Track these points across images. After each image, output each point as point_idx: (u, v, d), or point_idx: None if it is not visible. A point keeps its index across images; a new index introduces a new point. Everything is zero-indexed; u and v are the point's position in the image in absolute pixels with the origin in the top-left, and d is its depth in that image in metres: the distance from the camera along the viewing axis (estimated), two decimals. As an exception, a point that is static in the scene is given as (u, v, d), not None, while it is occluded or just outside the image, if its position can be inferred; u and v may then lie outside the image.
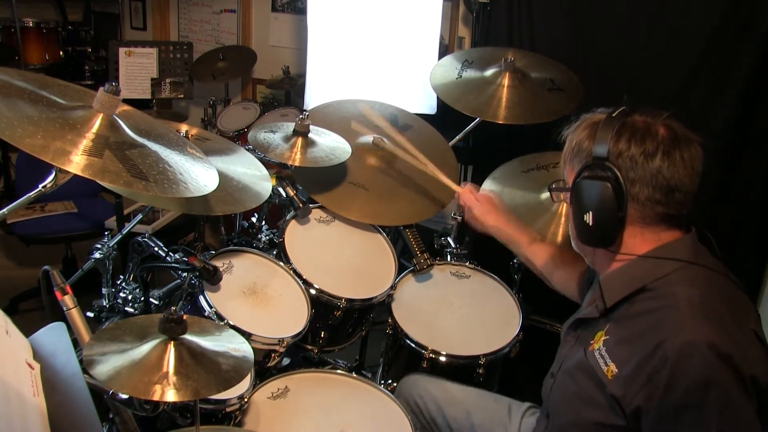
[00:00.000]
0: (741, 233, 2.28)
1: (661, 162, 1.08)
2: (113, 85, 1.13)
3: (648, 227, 1.13)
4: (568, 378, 1.22)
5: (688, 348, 0.98)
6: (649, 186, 1.09)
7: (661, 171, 1.08)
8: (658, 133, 1.10)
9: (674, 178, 1.09)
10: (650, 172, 1.09)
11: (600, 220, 1.12)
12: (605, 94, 1.43)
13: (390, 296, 1.82)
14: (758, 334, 1.06)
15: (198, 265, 1.50)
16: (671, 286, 1.08)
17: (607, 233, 1.13)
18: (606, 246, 1.15)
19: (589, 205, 1.12)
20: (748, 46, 2.13)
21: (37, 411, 0.95)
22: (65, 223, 2.87)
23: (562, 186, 1.27)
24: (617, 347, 1.11)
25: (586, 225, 1.13)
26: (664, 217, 1.12)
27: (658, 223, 1.13)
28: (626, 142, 1.10)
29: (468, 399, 1.59)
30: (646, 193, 1.10)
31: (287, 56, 3.61)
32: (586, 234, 1.16)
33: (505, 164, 2.11)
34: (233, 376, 1.03)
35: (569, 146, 1.21)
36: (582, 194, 1.14)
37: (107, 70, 3.39)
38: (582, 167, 1.15)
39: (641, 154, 1.09)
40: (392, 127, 1.93)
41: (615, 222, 1.11)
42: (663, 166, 1.08)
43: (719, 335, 0.99)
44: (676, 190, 1.09)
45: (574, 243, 1.27)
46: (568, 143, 1.22)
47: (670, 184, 1.09)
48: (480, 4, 2.60)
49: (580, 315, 1.27)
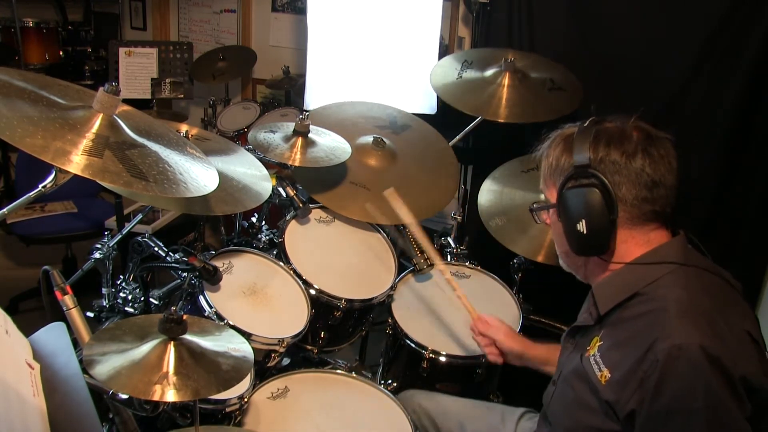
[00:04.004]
0: (741, 233, 2.28)
1: (642, 160, 1.11)
2: (113, 85, 1.13)
3: (636, 228, 1.15)
4: (566, 385, 1.22)
5: (676, 351, 0.98)
6: (635, 185, 1.11)
7: (644, 169, 1.11)
8: (633, 134, 1.13)
9: (657, 174, 1.11)
10: (634, 172, 1.11)
11: (593, 226, 1.13)
12: (605, 94, 1.44)
13: (390, 296, 1.82)
14: (752, 334, 1.06)
15: (198, 265, 1.50)
16: (661, 289, 1.09)
17: (601, 239, 1.14)
18: (600, 253, 1.16)
19: (581, 214, 1.13)
20: (749, 46, 2.13)
21: (37, 411, 0.95)
22: (65, 223, 2.87)
23: (544, 204, 1.27)
24: (610, 352, 1.11)
25: (580, 234, 1.14)
26: (651, 216, 1.14)
27: (646, 222, 1.14)
28: (605, 147, 1.13)
29: (461, 410, 1.59)
30: (633, 192, 1.12)
31: (287, 56, 3.61)
32: (581, 243, 1.16)
33: (505, 164, 2.11)
34: (233, 376, 1.03)
35: (547, 164, 1.23)
36: (570, 205, 1.15)
37: (107, 70, 3.39)
38: (565, 179, 1.16)
39: (622, 156, 1.12)
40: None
41: (608, 226, 1.13)
42: (645, 164, 1.11)
43: (708, 337, 0.99)
44: (660, 185, 1.12)
45: (564, 260, 1.29)
46: (545, 161, 1.24)
47: (653, 180, 1.11)
48: (480, 4, 2.60)
49: (577, 323, 1.28)
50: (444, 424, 1.57)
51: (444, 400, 1.63)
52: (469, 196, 2.52)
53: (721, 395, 0.97)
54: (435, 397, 1.65)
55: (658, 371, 0.99)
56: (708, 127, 2.20)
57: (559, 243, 1.26)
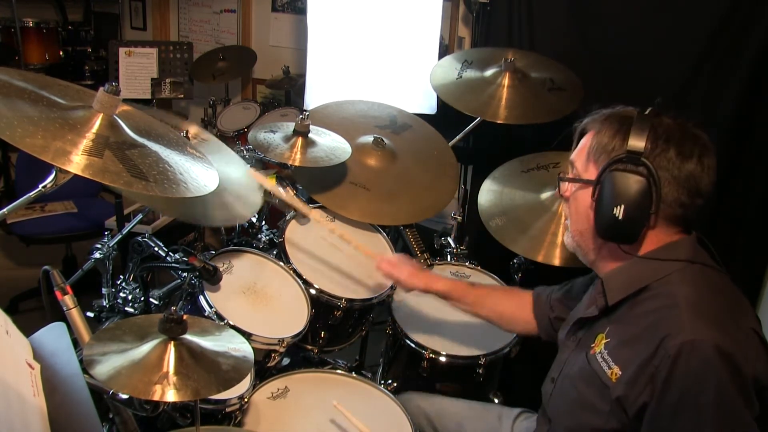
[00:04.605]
0: (741, 233, 2.28)
1: (695, 166, 1.09)
2: (113, 85, 1.13)
3: (664, 228, 1.14)
4: (569, 384, 1.22)
5: (688, 347, 0.98)
6: (680, 188, 1.10)
7: (694, 175, 1.09)
8: (693, 138, 1.11)
9: (702, 184, 1.10)
10: (684, 175, 1.09)
11: (630, 214, 1.10)
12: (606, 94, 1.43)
13: (390, 296, 1.82)
14: (758, 332, 1.06)
15: (198, 265, 1.50)
16: (671, 286, 1.08)
17: (633, 229, 1.12)
18: (628, 242, 1.14)
19: (622, 199, 1.10)
20: (749, 46, 2.13)
21: (37, 411, 0.95)
22: (65, 223, 2.87)
23: (578, 178, 1.22)
24: (619, 349, 1.11)
25: (614, 218, 1.11)
26: (680, 220, 1.13)
27: (674, 225, 1.14)
28: (665, 142, 1.10)
29: (458, 411, 1.60)
30: (675, 194, 1.10)
31: (287, 56, 3.61)
32: (611, 228, 1.13)
33: (505, 164, 2.11)
34: (233, 376, 1.03)
35: (596, 139, 1.18)
36: (613, 187, 1.11)
37: (107, 70, 3.39)
38: (612, 160, 1.12)
39: (678, 156, 1.09)
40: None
41: (644, 218, 1.11)
42: (696, 170, 1.09)
43: (719, 334, 0.99)
44: (700, 195, 1.11)
45: (575, 238, 1.25)
46: (595, 136, 1.18)
47: (698, 188, 1.10)
48: (480, 4, 2.60)
49: (581, 315, 1.27)
50: (442, 425, 1.57)
51: (442, 401, 1.64)
52: (469, 196, 2.52)
53: (732, 392, 0.97)
54: (433, 398, 1.65)
55: (668, 366, 0.99)
56: (708, 127, 2.19)
57: (578, 220, 1.22)
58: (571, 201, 1.25)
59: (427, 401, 1.64)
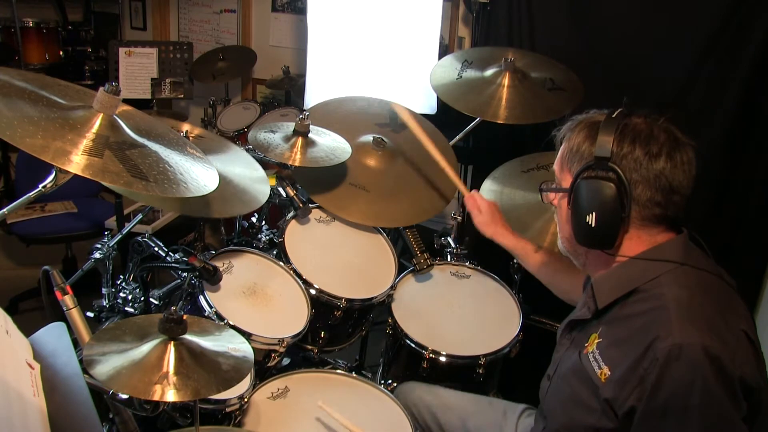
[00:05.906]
0: (740, 233, 2.28)
1: (664, 164, 1.09)
2: (113, 85, 1.13)
3: (644, 229, 1.14)
4: (563, 382, 1.22)
5: (677, 350, 0.98)
6: (651, 187, 1.09)
7: (664, 173, 1.09)
8: (660, 135, 1.10)
9: (675, 180, 1.09)
10: (653, 174, 1.09)
11: (603, 221, 1.11)
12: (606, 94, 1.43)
13: (390, 296, 1.82)
14: (748, 334, 1.06)
15: (198, 265, 1.50)
16: (661, 288, 1.08)
17: (608, 234, 1.13)
18: (606, 248, 1.15)
19: (592, 206, 1.11)
20: (750, 46, 2.13)
21: (37, 411, 0.95)
22: (65, 223, 2.87)
23: (555, 187, 1.25)
24: (609, 350, 1.11)
25: (588, 226, 1.12)
26: (661, 219, 1.13)
27: (654, 224, 1.13)
28: (630, 144, 1.10)
29: (462, 405, 1.59)
30: (648, 194, 1.10)
31: (287, 56, 3.61)
32: (588, 235, 1.15)
33: (505, 164, 2.11)
34: (233, 376, 1.03)
35: (567, 147, 1.20)
36: (584, 195, 1.13)
37: (107, 70, 3.39)
38: (582, 168, 1.14)
39: (645, 156, 1.09)
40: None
41: (617, 223, 1.11)
42: (666, 168, 1.09)
43: (708, 337, 0.99)
44: (676, 192, 1.10)
45: (564, 245, 1.27)
46: (566, 144, 1.20)
47: (671, 186, 1.09)
48: (480, 4, 2.60)
49: (574, 317, 1.28)
50: (445, 419, 1.56)
51: (445, 394, 1.62)
52: (469, 196, 2.52)
53: (718, 394, 0.97)
54: (436, 390, 1.64)
55: (657, 369, 0.99)
56: (708, 127, 2.21)
57: (563, 228, 1.24)
58: (556, 209, 1.27)
59: (430, 393, 1.63)
